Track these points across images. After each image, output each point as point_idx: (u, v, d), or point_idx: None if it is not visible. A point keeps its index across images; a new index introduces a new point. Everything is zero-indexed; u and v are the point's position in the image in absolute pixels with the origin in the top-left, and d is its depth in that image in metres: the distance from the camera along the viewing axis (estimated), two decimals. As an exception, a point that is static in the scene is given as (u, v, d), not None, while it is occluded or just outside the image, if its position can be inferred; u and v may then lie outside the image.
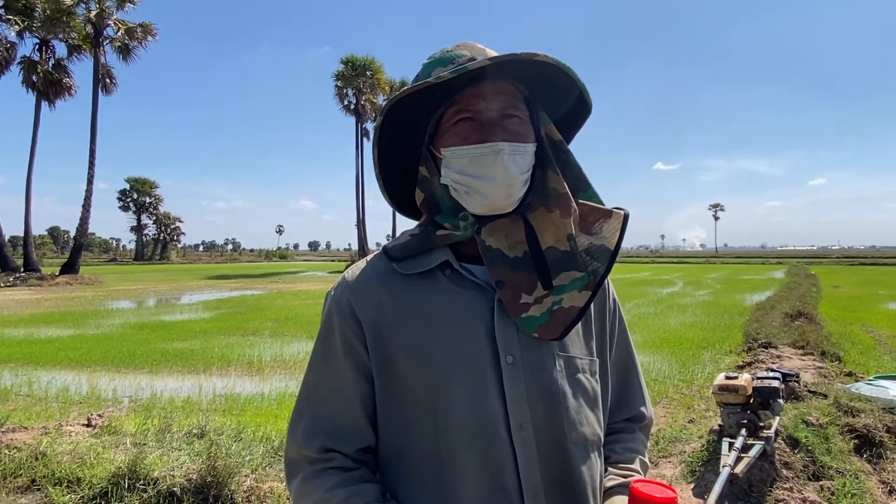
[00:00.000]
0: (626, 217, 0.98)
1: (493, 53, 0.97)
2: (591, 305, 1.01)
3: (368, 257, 1.04)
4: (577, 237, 0.97)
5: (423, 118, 1.01)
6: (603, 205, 1.00)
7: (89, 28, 30.23)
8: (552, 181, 0.96)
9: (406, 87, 0.92)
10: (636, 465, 1.05)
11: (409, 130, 1.02)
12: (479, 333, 0.92)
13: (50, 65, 30.87)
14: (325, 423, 0.95)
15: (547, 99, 1.01)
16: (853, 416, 4.30)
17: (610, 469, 1.03)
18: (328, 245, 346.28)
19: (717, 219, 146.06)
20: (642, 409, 1.12)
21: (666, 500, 0.84)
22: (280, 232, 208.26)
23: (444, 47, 1.02)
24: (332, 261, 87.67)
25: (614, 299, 1.10)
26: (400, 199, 1.09)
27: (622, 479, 1.01)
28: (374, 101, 43.12)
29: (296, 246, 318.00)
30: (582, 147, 1.08)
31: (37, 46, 30.63)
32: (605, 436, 1.04)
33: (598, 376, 1.01)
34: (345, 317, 0.96)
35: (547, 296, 0.94)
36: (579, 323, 0.99)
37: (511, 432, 0.89)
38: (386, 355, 0.94)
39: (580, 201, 0.99)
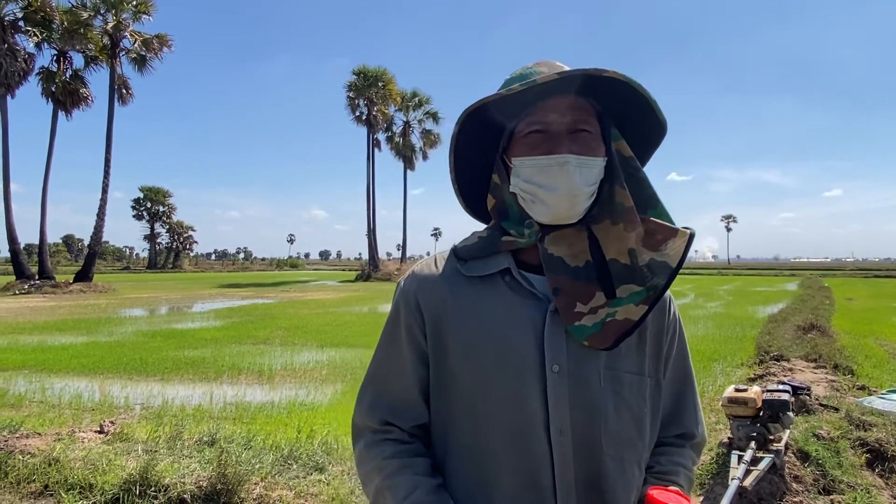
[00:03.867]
0: (691, 236, 1.00)
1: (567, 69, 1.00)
2: (649, 323, 1.03)
3: (438, 254, 1.11)
4: (639, 252, 0.98)
5: (498, 130, 1.05)
6: (673, 223, 1.02)
7: (106, 40, 30.70)
8: (619, 195, 0.97)
9: (480, 99, 0.97)
10: (679, 478, 1.04)
11: (482, 141, 1.07)
12: (529, 341, 0.96)
13: (67, 75, 31.37)
14: (387, 399, 1.04)
15: (622, 116, 1.02)
16: (865, 430, 4.26)
17: (649, 479, 1.03)
18: (339, 254, 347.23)
19: (729, 230, 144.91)
20: (694, 428, 1.12)
21: None
22: (291, 241, 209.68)
23: (525, 65, 1.06)
24: (343, 270, 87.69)
25: (675, 317, 1.09)
26: (471, 204, 1.16)
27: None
28: (386, 111, 43.32)
29: (307, 255, 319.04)
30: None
31: (55, 57, 31.17)
32: (654, 447, 1.05)
33: (646, 395, 1.01)
34: (410, 308, 1.03)
35: (603, 307, 0.96)
36: (634, 340, 1.00)
37: (550, 435, 0.93)
38: (441, 349, 1.00)
39: (650, 218, 1.01)
